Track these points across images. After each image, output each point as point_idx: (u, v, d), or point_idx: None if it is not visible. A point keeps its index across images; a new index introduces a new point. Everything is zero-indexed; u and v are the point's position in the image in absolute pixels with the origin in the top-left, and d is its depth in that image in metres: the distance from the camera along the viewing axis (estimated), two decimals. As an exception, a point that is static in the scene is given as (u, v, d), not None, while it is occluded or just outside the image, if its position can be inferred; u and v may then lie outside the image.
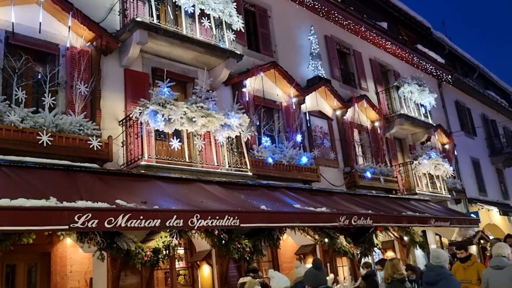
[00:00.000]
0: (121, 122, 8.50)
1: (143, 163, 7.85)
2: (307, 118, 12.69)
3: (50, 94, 7.59)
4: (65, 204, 5.57)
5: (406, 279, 6.46)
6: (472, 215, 16.50)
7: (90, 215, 5.59)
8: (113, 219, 5.77)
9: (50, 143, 7.11)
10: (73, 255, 8.70)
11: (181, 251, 9.80)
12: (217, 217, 6.89)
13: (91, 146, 7.60)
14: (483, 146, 23.78)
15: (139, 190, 7.22)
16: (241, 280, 7.53)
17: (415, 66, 19.25)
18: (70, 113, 7.73)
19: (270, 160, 10.40)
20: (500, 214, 20.91)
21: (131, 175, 7.77)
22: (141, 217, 6.04)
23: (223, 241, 8.40)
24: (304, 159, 11.21)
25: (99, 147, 7.72)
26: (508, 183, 24.92)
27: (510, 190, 24.78)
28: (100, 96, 8.38)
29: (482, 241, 16.17)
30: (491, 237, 16.46)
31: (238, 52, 10.37)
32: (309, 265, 11.13)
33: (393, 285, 5.44)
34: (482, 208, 19.69)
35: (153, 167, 7.98)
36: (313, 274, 5.26)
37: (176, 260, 9.67)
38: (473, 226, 14.58)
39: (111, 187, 6.99)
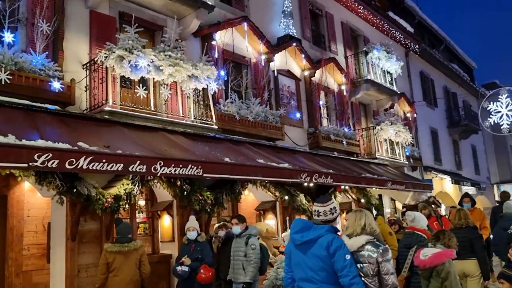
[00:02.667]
0: (85, 66, 8.23)
1: (107, 108, 7.67)
2: (275, 77, 12.66)
3: (9, 31, 7.23)
4: (25, 142, 5.42)
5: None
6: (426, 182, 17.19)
7: (51, 155, 5.47)
8: (74, 160, 5.67)
9: (8, 82, 6.81)
10: (31, 199, 8.60)
11: (142, 202, 9.82)
12: (181, 166, 6.89)
13: (52, 88, 7.36)
14: (443, 117, 24.54)
15: (102, 134, 7.09)
16: (217, 225, 8.19)
17: (385, 33, 19.37)
18: (30, 52, 7.40)
19: (236, 115, 10.37)
20: (452, 183, 21.90)
21: (95, 119, 7.60)
22: (104, 161, 5.97)
23: (185, 192, 8.45)
24: (269, 117, 11.28)
25: (61, 90, 7.48)
26: (462, 155, 25.98)
27: (463, 161, 25.87)
28: (63, 37, 8.04)
29: (433, 206, 16.91)
30: (442, 205, 17.31)
31: (210, 3, 10.12)
32: (269, 221, 11.48)
33: (468, 230, 6.59)
34: (436, 177, 20.53)
35: (117, 114, 7.82)
36: None
37: (137, 212, 9.70)
38: (426, 191, 15.21)
39: (73, 129, 6.83)
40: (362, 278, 3.49)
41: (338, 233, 3.72)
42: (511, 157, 32.86)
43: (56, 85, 7.38)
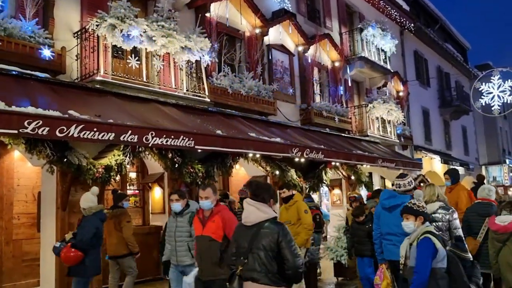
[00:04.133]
0: (76, 34, 8.08)
1: (98, 78, 7.59)
2: (269, 51, 12.56)
3: (-2, -5, 7.07)
4: (15, 108, 5.36)
5: None
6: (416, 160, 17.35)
7: (41, 122, 5.43)
8: (65, 128, 5.63)
9: (-3, 48, 6.70)
10: (21, 168, 8.55)
11: (133, 174, 9.82)
12: (172, 137, 6.88)
13: (42, 56, 7.24)
14: (435, 97, 24.60)
15: (93, 104, 7.03)
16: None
17: (381, 10, 19.20)
18: (20, 18, 7.25)
19: (228, 89, 10.31)
20: (441, 163, 22.10)
21: (86, 88, 7.52)
22: (95, 129, 5.94)
23: (176, 165, 8.45)
24: (262, 91, 11.24)
25: (52, 58, 7.36)
26: (452, 135, 26.17)
27: (453, 142, 26.08)
28: (54, 4, 7.86)
29: (421, 184, 17.11)
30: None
31: (204, -26, 9.95)
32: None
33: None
34: (426, 156, 20.70)
35: (108, 84, 7.74)
36: None
37: (128, 184, 9.71)
38: (416, 169, 15.35)
39: (64, 98, 6.76)
40: (437, 232, 4.15)
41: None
42: (500, 139, 33.18)
43: (46, 52, 7.26)
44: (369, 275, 6.50)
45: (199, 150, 7.98)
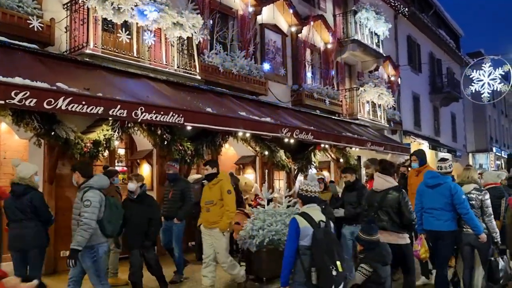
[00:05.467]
0: (65, 6, 7.92)
1: (87, 51, 7.48)
2: (262, 31, 12.45)
3: (-16, -38, 6.88)
4: (1, 78, 5.27)
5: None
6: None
7: (28, 93, 5.36)
8: (53, 100, 5.57)
9: (-16, 17, 6.55)
10: (7, 141, 8.46)
11: (122, 150, 9.77)
12: (162, 113, 6.84)
13: (31, 26, 7.10)
14: (426, 83, 24.67)
15: (82, 77, 6.94)
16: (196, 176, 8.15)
17: (375, -7, 19.06)
18: (8, -13, 7.08)
19: (220, 67, 10.23)
20: (429, 149, 22.26)
21: (75, 61, 7.41)
22: (83, 103, 5.88)
23: (165, 141, 8.43)
24: (266, 66, 11.20)
25: (40, 29, 7.23)
26: (442, 121, 26.34)
27: (442, 128, 26.27)
28: (43, -27, 7.70)
29: (409, 168, 17.27)
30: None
31: None
32: (248, 175, 11.59)
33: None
34: (414, 141, 20.84)
35: (98, 57, 7.63)
36: None
37: (116, 161, 9.66)
38: (404, 154, 15.46)
39: (52, 70, 6.66)
40: (471, 209, 5.31)
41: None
42: (488, 127, 33.50)
43: (34, 23, 7.12)
44: None
45: (189, 127, 7.96)
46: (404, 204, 4.83)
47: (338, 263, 3.62)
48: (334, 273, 3.56)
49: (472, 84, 16.99)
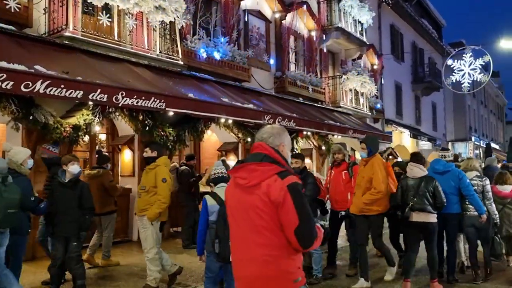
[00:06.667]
0: (44, -13, 7.73)
1: (67, 34, 7.31)
2: (245, 17, 12.35)
3: None
4: (-24, 60, 5.13)
5: None
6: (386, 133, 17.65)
7: (5, 75, 5.24)
8: (30, 83, 5.45)
9: (-41, -4, 6.35)
10: (-16, 125, 8.27)
11: (103, 136, 9.65)
12: (143, 98, 6.76)
13: (8, 7, 6.90)
14: (408, 72, 24.88)
15: (61, 60, 6.80)
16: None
17: (359, -19, 19.04)
18: (-17, -35, 6.87)
19: (202, 53, 10.14)
20: (410, 137, 22.59)
21: (53, 44, 7.25)
22: (62, 86, 5.77)
23: (147, 127, 8.33)
24: (237, 57, 11.09)
25: (17, 10, 7.03)
26: (423, 110, 26.67)
27: (423, 117, 26.60)
28: (20, -47, 7.47)
29: (390, 157, 17.49)
30: (399, 158, 17.89)
31: None
32: (230, 162, 11.57)
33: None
34: (396, 130, 21.09)
35: (77, 40, 7.48)
36: None
37: (97, 146, 9.54)
38: (386, 142, 15.63)
39: (30, 52, 6.51)
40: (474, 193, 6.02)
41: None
42: (468, 117, 34.05)
43: (12, 4, 6.92)
44: None
45: (171, 113, 7.88)
46: (438, 189, 5.53)
47: None
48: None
49: (453, 74, 17.22)
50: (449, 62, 17.47)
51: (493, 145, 34.73)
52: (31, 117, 6.70)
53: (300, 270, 2.45)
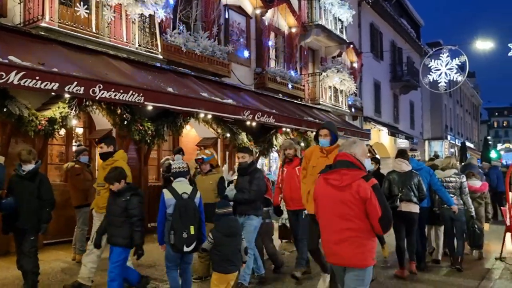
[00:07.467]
0: (19, -24, 7.55)
1: (43, 24, 7.16)
2: (226, 12, 12.30)
3: None
4: None
5: None
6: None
7: (-23, 66, 5.09)
8: (4, 74, 5.32)
9: None
10: (-44, 117, 8.04)
11: (80, 130, 9.50)
12: (121, 91, 6.67)
13: (-19, -4, 6.74)
14: (387, 71, 25.17)
15: (36, 51, 6.66)
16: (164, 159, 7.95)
17: (340, -21, 19.14)
18: (-44, -48, 6.68)
19: (182, 47, 10.05)
20: (388, 135, 22.87)
21: (29, 35, 7.09)
22: (37, 78, 5.65)
23: (125, 121, 8.24)
24: (217, 52, 11.02)
25: (-9, -1, 6.87)
26: (401, 109, 27.04)
27: (401, 115, 26.98)
28: None
29: (368, 154, 17.68)
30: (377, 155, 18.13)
31: None
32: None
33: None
34: (374, 127, 21.33)
35: (54, 31, 7.33)
36: None
37: (74, 140, 9.39)
38: (364, 139, 15.79)
39: (4, 43, 6.36)
40: (450, 190, 6.73)
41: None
42: (444, 116, 34.67)
43: (-15, -7, 6.76)
44: None
45: (149, 107, 7.80)
46: (421, 183, 6.16)
47: (191, 227, 4.47)
48: (185, 235, 4.42)
49: (430, 73, 17.51)
50: (427, 61, 17.73)
51: (468, 144, 35.51)
52: (5, 109, 6.55)
53: (375, 250, 3.36)
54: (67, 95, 6.74)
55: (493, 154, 27.31)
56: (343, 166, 3.35)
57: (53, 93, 6.50)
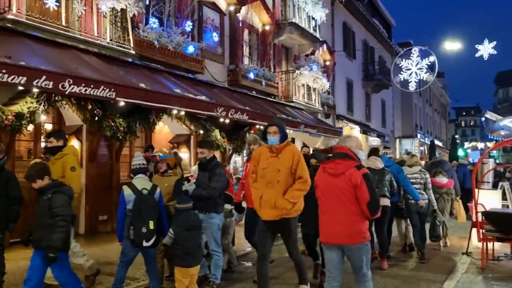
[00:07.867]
0: (-15, -34, 7.30)
1: (10, 16, 6.96)
2: (200, 8, 12.21)
3: None
4: None
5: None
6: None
7: None
8: (-32, 67, 5.13)
9: None
10: None
11: (49, 126, 9.27)
12: (92, 86, 6.54)
13: None
14: (359, 69, 25.52)
15: (3, 44, 6.45)
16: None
17: (314, -22, 19.27)
18: None
19: (155, 43, 9.93)
20: (360, 133, 23.19)
21: (-5, 27, 6.87)
22: (4, 71, 5.49)
23: (96, 117, 8.09)
24: (190, 48, 10.92)
25: (-45, -11, 6.62)
26: (372, 107, 27.47)
27: (373, 114, 27.41)
28: None
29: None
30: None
31: None
32: (182, 154, 11.44)
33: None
34: (346, 125, 21.59)
35: (22, 24, 7.13)
36: None
37: (42, 136, 9.16)
38: (336, 137, 15.96)
39: (-31, 35, 6.14)
40: (416, 185, 7.14)
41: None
42: (414, 115, 35.40)
43: (-51, -18, 6.51)
44: None
45: (121, 103, 7.68)
46: (393, 179, 6.70)
47: (151, 222, 4.54)
48: (144, 230, 4.50)
49: (401, 72, 17.80)
50: (398, 61, 18.03)
51: (436, 142, 36.33)
52: (-31, 104, 6.35)
53: (367, 231, 3.81)
54: (35, 90, 6.56)
55: (460, 153, 28.09)
56: (339, 157, 3.84)
57: (20, 87, 6.32)
